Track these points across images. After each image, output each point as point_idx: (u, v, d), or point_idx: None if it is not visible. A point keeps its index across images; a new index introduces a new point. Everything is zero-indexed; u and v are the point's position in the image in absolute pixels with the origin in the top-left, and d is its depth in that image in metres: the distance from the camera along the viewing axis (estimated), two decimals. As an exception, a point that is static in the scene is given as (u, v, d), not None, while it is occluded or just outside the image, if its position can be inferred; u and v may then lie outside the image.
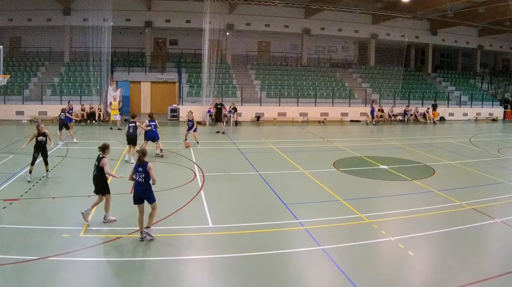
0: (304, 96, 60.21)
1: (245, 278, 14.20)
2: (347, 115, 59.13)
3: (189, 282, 14.27)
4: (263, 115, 56.49)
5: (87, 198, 21.66)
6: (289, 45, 69.77)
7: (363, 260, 15.52)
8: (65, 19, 60.57)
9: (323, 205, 21.78)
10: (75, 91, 56.21)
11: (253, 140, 41.31)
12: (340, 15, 62.67)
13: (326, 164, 30.68)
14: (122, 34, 62.70)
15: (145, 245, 16.72)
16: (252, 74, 64.78)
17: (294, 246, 16.88)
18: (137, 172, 17.33)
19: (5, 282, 13.72)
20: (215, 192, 23.49)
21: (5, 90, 52.25)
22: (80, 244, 16.32)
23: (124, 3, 58.26)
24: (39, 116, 51.45)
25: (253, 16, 63.12)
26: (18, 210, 20.18)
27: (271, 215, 20.06)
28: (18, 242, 16.47)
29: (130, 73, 60.87)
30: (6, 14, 59.38)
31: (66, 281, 13.81)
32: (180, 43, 67.85)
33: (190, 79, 60.96)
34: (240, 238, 17.53)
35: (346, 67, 70.80)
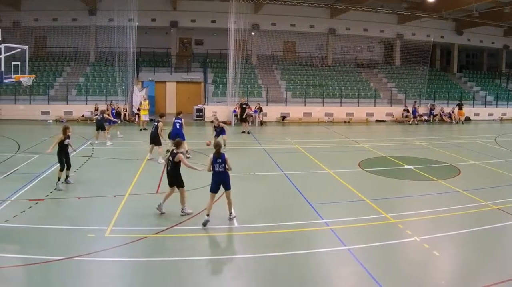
0: (329, 96, 60.06)
1: (270, 279, 14.23)
2: (373, 116, 58.97)
3: (213, 282, 14.30)
4: (288, 115, 56.39)
5: (112, 198, 22.00)
6: (315, 45, 69.57)
7: (389, 260, 15.53)
8: (91, 19, 61.07)
9: (349, 205, 21.80)
10: (101, 91, 56.55)
11: (279, 141, 41.29)
12: (365, 15, 62.43)
13: (351, 164, 30.64)
14: (147, 34, 62.98)
15: (170, 245, 16.86)
16: (278, 74, 64.75)
17: (319, 246, 16.84)
18: (216, 163, 19.01)
19: (30, 282, 13.92)
20: (240, 192, 23.22)
21: (30, 90, 52.77)
22: (106, 244, 16.45)
23: (149, 3, 58.37)
24: (65, 116, 51.86)
25: (278, 16, 63.08)
26: (43, 210, 20.32)
27: (297, 215, 20.09)
28: (44, 242, 16.64)
29: (155, 73, 60.95)
30: (31, 14, 59.94)
31: (91, 281, 13.96)
32: (206, 43, 67.99)
33: (215, 79, 61.10)
34: (265, 238, 17.54)
35: (372, 67, 70.58)
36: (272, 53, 66.64)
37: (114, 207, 20.57)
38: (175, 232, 17.85)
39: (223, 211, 20.00)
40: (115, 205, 20.80)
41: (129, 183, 24.75)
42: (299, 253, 15.96)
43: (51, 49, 64.38)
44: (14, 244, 16.58)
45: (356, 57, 71.78)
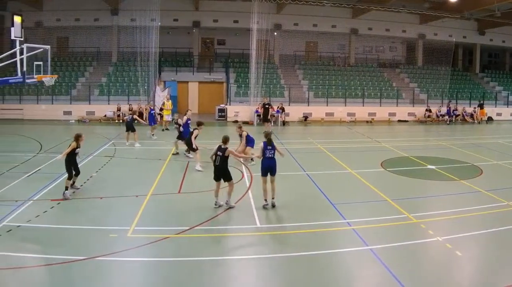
0: (351, 96, 60.10)
1: (293, 278, 14.24)
2: (395, 115, 58.84)
3: (236, 282, 14.37)
4: (310, 115, 56.47)
5: (134, 198, 22.08)
6: (337, 45, 69.50)
7: (411, 260, 15.50)
8: (113, 19, 61.63)
9: (371, 205, 21.79)
10: (123, 91, 57.00)
11: (301, 140, 41.29)
12: (387, 15, 62.29)
13: (373, 164, 30.63)
14: (169, 34, 63.17)
15: (193, 245, 16.89)
16: (300, 74, 64.81)
17: (342, 246, 16.85)
18: (267, 149, 21.05)
19: (53, 282, 14.02)
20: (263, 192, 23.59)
21: (52, 90, 53.10)
22: (128, 244, 16.54)
23: (171, 3, 58.73)
24: (87, 116, 52.22)
25: (300, 16, 63.15)
26: (65, 210, 20.48)
27: (319, 215, 20.09)
28: (66, 242, 16.71)
29: (177, 73, 61.47)
30: (54, 14, 60.60)
31: (113, 281, 14.13)
32: (228, 43, 68.31)
33: (237, 79, 61.40)
34: (287, 238, 17.59)
35: (394, 67, 70.43)
36: (294, 53, 66.70)
37: (136, 207, 20.66)
38: (198, 232, 17.87)
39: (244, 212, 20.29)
40: (137, 205, 20.90)
41: (151, 183, 24.85)
42: (321, 253, 15.97)
43: (73, 49, 65.15)
44: (36, 244, 16.70)
45: (378, 57, 71.67)
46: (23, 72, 25.66)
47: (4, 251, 15.51)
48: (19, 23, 26.57)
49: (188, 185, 24.83)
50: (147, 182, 25.06)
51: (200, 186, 24.59)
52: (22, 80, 26.15)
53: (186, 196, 23.03)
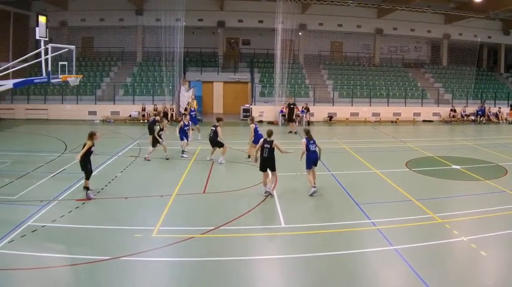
0: (376, 96, 59.92)
1: (318, 278, 14.27)
2: (420, 116, 58.57)
3: (260, 282, 14.47)
4: (335, 115, 56.35)
5: (159, 197, 22.23)
6: (362, 45, 69.26)
7: (436, 260, 15.45)
8: (138, 19, 61.82)
9: (396, 205, 21.79)
10: (148, 91, 57.29)
11: (326, 140, 40.93)
12: (412, 15, 61.97)
13: (398, 164, 30.61)
14: (194, 34, 63.47)
15: (218, 245, 16.97)
16: (325, 74, 64.65)
17: (366, 246, 16.87)
18: (310, 144, 23.16)
19: (77, 282, 14.16)
20: (288, 192, 23.61)
21: (77, 90, 53.75)
22: (153, 244, 16.67)
23: (196, 3, 58.59)
24: (111, 116, 52.55)
25: (325, 16, 62.99)
26: (90, 210, 20.66)
27: (344, 215, 20.20)
28: (90, 242, 16.88)
29: (202, 73, 61.56)
30: (78, 14, 61.02)
31: (138, 281, 14.21)
32: (253, 43, 68.25)
33: (262, 79, 61.30)
34: (312, 238, 17.61)
35: (419, 67, 70.07)
36: (319, 53, 66.52)
37: (161, 207, 20.80)
38: (222, 232, 17.93)
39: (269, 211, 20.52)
40: (162, 205, 21.03)
41: (176, 183, 24.95)
42: (346, 253, 16.02)
43: (98, 49, 65.44)
44: (61, 244, 16.86)
45: (403, 57, 71.28)
46: (48, 72, 25.83)
47: (29, 251, 15.70)
48: (43, 23, 26.74)
49: (213, 185, 24.89)
50: (172, 182, 25.18)
51: (225, 186, 24.70)
52: (47, 80, 26.31)
53: (211, 196, 23.08)
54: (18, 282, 13.98)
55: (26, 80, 29.08)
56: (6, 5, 53.94)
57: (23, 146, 36.50)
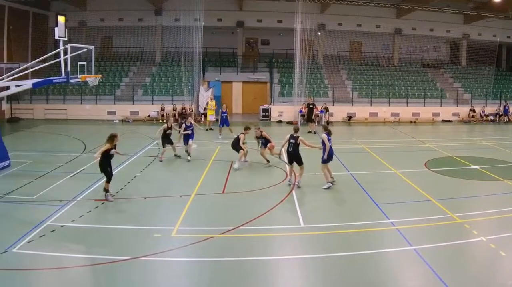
0: (395, 96, 59.74)
1: (337, 279, 14.35)
2: (439, 115, 58.34)
3: (279, 282, 14.49)
4: (354, 115, 56.29)
5: (178, 197, 22.33)
6: (381, 45, 69.15)
7: (455, 260, 15.51)
8: (157, 19, 62.25)
9: (415, 205, 21.77)
10: (167, 91, 57.50)
11: (345, 140, 41.11)
12: (431, 15, 61.83)
13: (417, 164, 30.56)
14: (213, 34, 63.46)
15: (237, 245, 17.03)
16: (344, 74, 64.60)
17: (385, 246, 16.91)
18: (329, 140, 24.68)
19: (96, 282, 14.30)
20: (306, 192, 23.70)
21: (96, 90, 54.24)
22: (172, 244, 16.76)
23: (215, 3, 58.82)
24: (131, 117, 52.73)
25: (344, 16, 62.99)
26: (109, 210, 20.77)
27: (363, 215, 20.20)
28: (110, 242, 17.03)
29: (221, 73, 61.62)
30: (97, 14, 61.44)
31: (157, 281, 14.25)
32: (272, 43, 68.17)
33: (281, 79, 61.39)
34: (331, 238, 17.64)
35: (438, 67, 69.85)
36: (338, 53, 66.42)
37: (181, 207, 20.88)
38: (242, 232, 18.00)
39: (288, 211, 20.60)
40: (181, 205, 21.11)
41: (195, 183, 25.01)
42: (365, 253, 16.03)
43: (117, 49, 65.84)
44: (80, 244, 16.93)
45: (422, 57, 71.00)
46: (67, 72, 25.99)
47: (48, 251, 15.84)
48: (62, 23, 26.91)
49: (232, 185, 24.99)
50: (191, 182, 25.26)
51: (244, 186, 24.81)
52: (66, 81, 26.45)
53: (230, 196, 23.20)
54: (37, 282, 14.16)
55: (45, 80, 29.30)
56: (25, 5, 54.40)
57: (42, 146, 36.58)
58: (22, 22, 56.15)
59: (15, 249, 15.84)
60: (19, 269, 14.57)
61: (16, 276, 14.22)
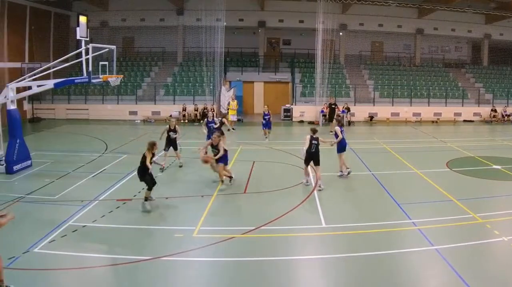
0: (417, 96, 59.53)
1: (359, 279, 14.46)
2: (460, 115, 58.08)
3: (301, 282, 14.60)
4: (376, 115, 56.21)
5: (199, 197, 22.41)
6: (402, 45, 68.93)
7: (476, 260, 15.56)
8: (178, 19, 62.46)
9: (436, 205, 21.79)
10: (188, 91, 57.53)
11: (366, 140, 41.20)
12: (453, 15, 61.58)
13: (439, 164, 30.53)
14: (235, 34, 63.37)
15: (258, 245, 17.14)
16: (365, 74, 64.45)
17: (407, 246, 16.96)
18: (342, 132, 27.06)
19: (118, 282, 14.50)
20: (329, 192, 23.75)
21: (118, 90, 54.17)
22: (193, 244, 16.89)
23: (237, 3, 59.01)
24: (152, 117, 52.99)
25: (366, 16, 62.89)
26: (131, 210, 20.89)
27: (384, 215, 20.27)
28: (131, 242, 17.23)
29: (243, 73, 61.64)
30: (119, 14, 61.86)
31: (178, 281, 14.48)
32: (293, 43, 67.99)
33: (303, 79, 61.34)
34: (353, 238, 17.74)
35: (459, 67, 69.53)
36: (360, 53, 66.27)
37: (202, 207, 21.01)
38: (263, 232, 18.11)
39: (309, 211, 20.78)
40: (202, 205, 21.24)
41: (217, 183, 25.09)
42: (387, 253, 16.15)
43: (138, 49, 66.04)
44: (101, 244, 17.20)
45: (444, 57, 70.81)
46: (88, 72, 26.25)
47: (70, 251, 16.07)
48: (84, 23, 27.20)
49: (253, 185, 25.13)
50: (213, 182, 25.40)
51: (266, 185, 24.95)
52: (88, 81, 26.70)
53: (252, 196, 23.36)
54: (59, 282, 14.35)
55: (67, 80, 29.60)
56: (47, 5, 54.80)
57: (63, 146, 36.84)
58: (43, 22, 56.69)
59: (36, 249, 16.07)
60: (41, 269, 14.78)
61: (38, 276, 14.43)
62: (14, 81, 28.25)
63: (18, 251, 15.52)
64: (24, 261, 15.07)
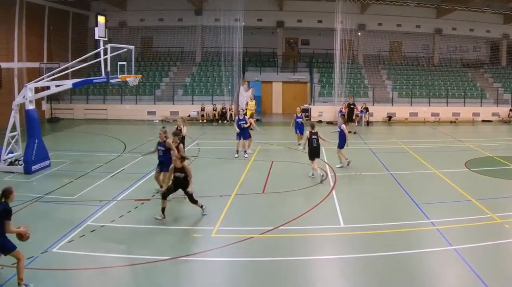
0: (435, 96, 59.38)
1: (377, 279, 14.52)
2: (479, 116, 57.91)
3: (319, 282, 14.66)
4: (394, 115, 56.12)
5: (218, 197, 22.54)
6: (421, 45, 68.70)
7: (495, 260, 15.58)
8: (197, 19, 62.63)
9: (455, 205, 21.82)
10: (207, 91, 57.75)
11: (385, 140, 41.33)
12: (471, 15, 61.31)
13: (457, 164, 30.51)
14: (253, 34, 63.47)
15: (277, 245, 17.25)
16: (384, 74, 64.38)
17: (426, 246, 17.00)
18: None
19: (136, 282, 14.63)
20: (347, 192, 23.93)
21: (136, 90, 54.55)
22: (212, 244, 16.97)
23: (255, 3, 59.12)
24: (171, 117, 53.05)
25: (384, 16, 62.75)
26: (149, 210, 20.93)
27: (403, 215, 20.34)
28: (149, 242, 17.36)
29: (261, 73, 61.77)
30: (137, 14, 62.16)
31: (197, 281, 14.49)
32: (312, 43, 68.00)
33: (321, 79, 61.35)
34: (371, 238, 17.81)
35: (478, 67, 69.26)
36: (378, 53, 66.14)
37: (220, 207, 21.13)
38: (281, 232, 18.21)
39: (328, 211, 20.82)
40: (221, 205, 21.36)
41: (236, 183, 25.28)
42: (405, 253, 16.20)
43: (157, 49, 66.31)
44: (120, 244, 17.35)
45: (462, 57, 70.62)
46: (107, 72, 26.39)
47: (88, 251, 16.22)
48: (103, 23, 27.39)
49: (272, 185, 25.23)
50: (231, 182, 25.51)
51: (284, 185, 25.05)
52: (106, 81, 26.85)
53: (270, 196, 23.44)
54: (77, 282, 14.50)
55: (85, 80, 29.84)
56: (65, 5, 55.11)
57: (82, 146, 37.11)
58: (62, 22, 57.04)
59: (55, 249, 16.23)
60: (59, 269, 14.95)
61: (57, 275, 14.60)
62: (32, 81, 28.54)
63: (37, 251, 15.66)
64: (42, 261, 15.26)
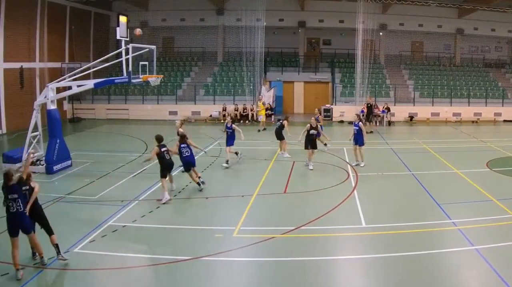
0: (457, 96, 59.23)
1: (399, 279, 14.64)
2: (500, 116, 57.60)
3: (341, 282, 14.87)
4: (416, 115, 56.03)
5: (240, 197, 22.67)
6: (442, 45, 68.50)
7: None
8: (218, 19, 62.90)
9: (476, 205, 21.85)
10: (228, 91, 57.90)
11: (406, 140, 41.36)
12: (493, 15, 60.97)
13: (479, 164, 30.47)
14: (275, 34, 63.72)
15: (298, 245, 17.38)
16: (405, 74, 64.25)
17: (447, 246, 17.02)
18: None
19: (158, 282, 14.79)
20: (368, 192, 24.00)
21: (158, 90, 54.79)
22: (233, 244, 17.10)
23: (277, 3, 59.20)
24: (192, 117, 53.59)
25: (406, 16, 62.64)
26: (171, 210, 21.29)
27: (424, 215, 20.40)
28: (171, 242, 17.57)
29: (283, 73, 61.94)
30: (159, 14, 62.47)
31: (218, 281, 14.66)
32: (334, 43, 67.86)
33: (343, 79, 61.41)
34: (393, 238, 17.91)
35: (499, 67, 69.00)
36: (400, 53, 65.98)
37: (242, 207, 21.26)
38: (303, 232, 18.33)
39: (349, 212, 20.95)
40: (243, 205, 21.48)
41: (257, 183, 25.40)
42: (427, 253, 16.21)
43: (178, 49, 66.59)
44: (142, 244, 17.53)
45: (484, 57, 70.41)
46: (128, 72, 26.66)
47: (110, 251, 16.43)
48: (124, 23, 27.73)
49: (293, 185, 25.39)
50: (253, 182, 25.64)
51: (305, 185, 25.36)
52: (128, 81, 27.11)
53: (292, 196, 23.59)
54: (99, 282, 14.71)
55: (107, 80, 30.18)
56: (87, 5, 55.86)
57: (103, 146, 37.63)
58: (83, 22, 57.70)
59: (77, 249, 16.43)
60: (81, 269, 15.16)
61: (79, 276, 14.82)
62: (54, 81, 28.93)
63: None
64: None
